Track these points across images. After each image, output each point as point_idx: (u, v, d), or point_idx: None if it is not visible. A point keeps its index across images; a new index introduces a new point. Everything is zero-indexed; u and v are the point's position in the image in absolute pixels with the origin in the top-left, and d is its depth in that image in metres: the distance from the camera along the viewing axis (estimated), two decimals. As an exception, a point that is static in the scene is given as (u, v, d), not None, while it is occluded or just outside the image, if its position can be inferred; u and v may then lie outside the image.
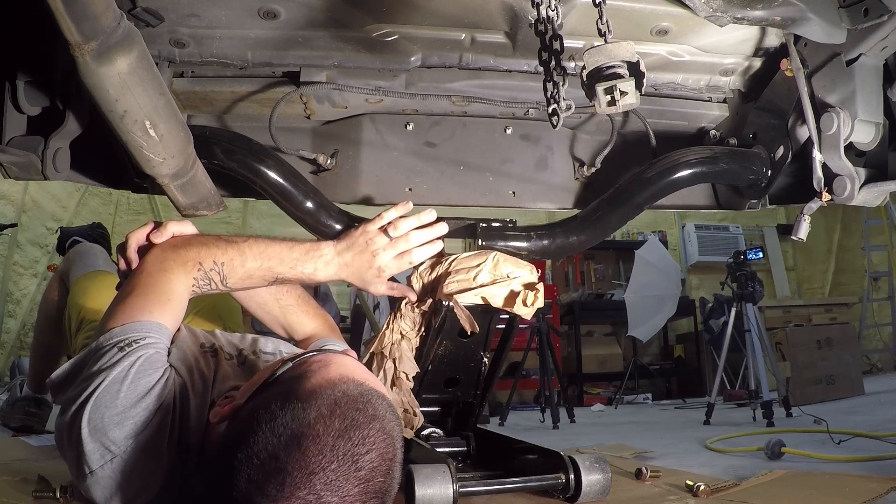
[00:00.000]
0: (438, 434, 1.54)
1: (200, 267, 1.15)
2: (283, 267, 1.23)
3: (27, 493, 1.27)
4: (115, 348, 0.97)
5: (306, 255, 1.26)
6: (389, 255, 1.32)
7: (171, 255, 1.15)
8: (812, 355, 4.47)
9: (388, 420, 0.82)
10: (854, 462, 1.96)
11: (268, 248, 1.22)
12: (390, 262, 1.32)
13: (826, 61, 1.42)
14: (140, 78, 1.06)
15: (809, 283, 8.07)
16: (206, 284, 1.17)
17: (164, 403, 0.94)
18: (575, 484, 1.27)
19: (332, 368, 0.87)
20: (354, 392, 0.81)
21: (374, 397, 0.83)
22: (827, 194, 1.45)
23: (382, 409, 0.82)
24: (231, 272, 1.18)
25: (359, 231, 1.33)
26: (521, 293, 1.39)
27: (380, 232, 1.33)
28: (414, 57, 1.58)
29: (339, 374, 0.85)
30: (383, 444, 0.78)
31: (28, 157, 1.23)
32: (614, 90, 1.08)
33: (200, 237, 1.22)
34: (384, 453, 0.78)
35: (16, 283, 5.34)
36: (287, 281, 1.28)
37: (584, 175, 1.77)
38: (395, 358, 1.44)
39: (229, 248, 1.19)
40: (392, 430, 0.82)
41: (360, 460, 0.74)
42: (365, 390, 0.83)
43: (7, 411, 2.35)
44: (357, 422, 0.77)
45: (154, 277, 1.11)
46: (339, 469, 0.73)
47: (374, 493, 0.75)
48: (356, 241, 1.32)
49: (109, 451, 0.90)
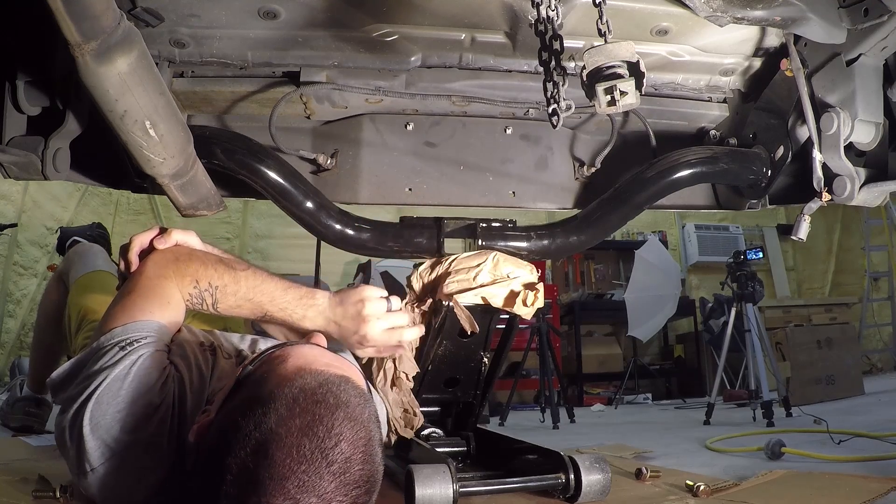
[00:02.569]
0: (438, 434, 1.54)
1: (196, 285, 1.15)
2: (273, 307, 1.21)
3: (27, 493, 1.27)
4: (116, 347, 0.97)
5: (299, 300, 1.23)
6: (381, 326, 1.25)
7: (171, 265, 1.16)
8: (812, 355, 4.47)
9: (353, 405, 0.79)
10: (854, 462, 1.96)
11: (263, 283, 1.21)
12: (379, 335, 1.25)
13: (826, 61, 1.42)
14: (140, 78, 1.06)
15: (809, 283, 8.07)
16: (198, 303, 1.17)
17: (164, 401, 0.95)
18: (575, 484, 1.27)
19: (290, 363, 0.85)
20: (313, 384, 0.79)
21: (336, 384, 0.80)
22: (827, 194, 1.45)
23: (346, 394, 0.80)
24: (223, 298, 1.18)
25: (356, 292, 1.27)
26: (521, 293, 1.39)
27: (379, 299, 1.26)
28: (414, 57, 1.58)
29: (296, 368, 0.83)
30: (351, 431, 0.75)
31: (28, 157, 1.23)
32: (614, 90, 1.08)
33: (202, 254, 1.22)
34: (354, 441, 0.75)
35: (16, 283, 5.35)
36: (274, 320, 1.25)
37: (584, 175, 1.77)
38: (395, 358, 1.44)
39: (226, 274, 1.18)
40: (359, 415, 0.78)
41: (329, 454, 0.72)
42: (325, 379, 0.81)
43: (7, 411, 2.35)
44: (318, 415, 0.75)
45: (153, 281, 1.12)
46: (310, 469, 0.71)
47: (354, 484, 0.73)
48: (351, 300, 1.26)
49: (110, 449, 0.91)
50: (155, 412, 0.93)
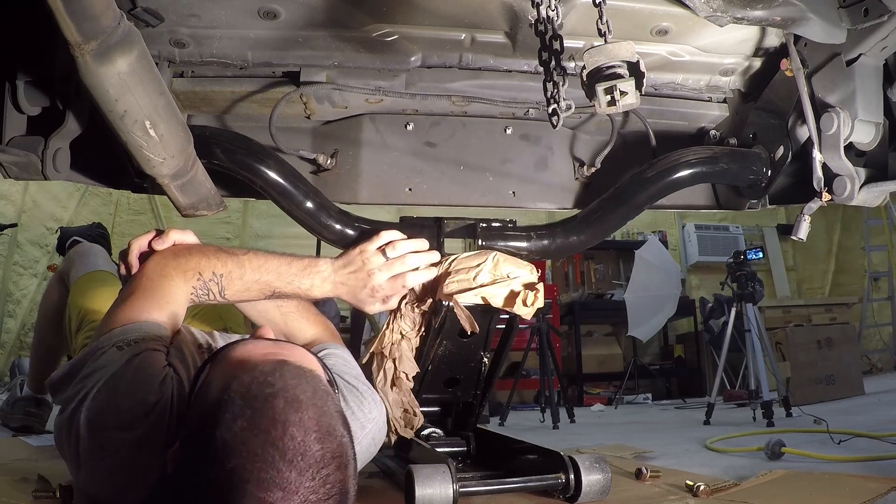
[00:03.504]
0: (438, 434, 1.54)
1: (200, 277, 1.17)
2: (281, 282, 1.25)
3: (27, 493, 1.27)
4: (114, 348, 0.98)
5: (304, 270, 1.28)
6: (385, 275, 1.34)
7: (171, 263, 1.17)
8: (812, 355, 4.47)
9: (290, 387, 0.75)
10: (854, 462, 1.96)
11: (266, 262, 1.24)
12: (385, 284, 1.34)
13: (826, 61, 1.42)
14: (140, 78, 1.06)
15: (809, 283, 8.07)
16: (204, 294, 1.19)
17: (161, 400, 0.95)
18: (575, 484, 1.27)
19: (224, 365, 0.85)
20: (247, 380, 0.77)
21: (269, 373, 0.78)
22: (827, 194, 1.45)
23: (281, 379, 0.77)
24: (229, 284, 1.20)
25: (357, 250, 1.35)
26: (521, 293, 1.39)
27: (377, 252, 1.35)
28: (414, 57, 1.58)
29: (231, 369, 0.83)
30: (296, 414, 0.72)
31: (28, 157, 1.23)
32: (614, 90, 1.08)
33: (201, 247, 1.23)
34: (301, 423, 0.72)
35: (16, 283, 5.34)
36: (284, 295, 1.29)
37: (584, 175, 1.77)
38: (395, 358, 1.44)
39: (229, 261, 1.21)
40: (300, 394, 0.75)
41: (279, 445, 0.70)
42: (258, 371, 0.78)
43: (7, 411, 2.35)
44: (258, 410, 0.72)
45: (154, 282, 1.13)
46: (265, 465, 0.69)
47: (318, 465, 0.70)
48: (353, 260, 1.34)
49: (106, 448, 0.91)
50: (151, 410, 0.93)
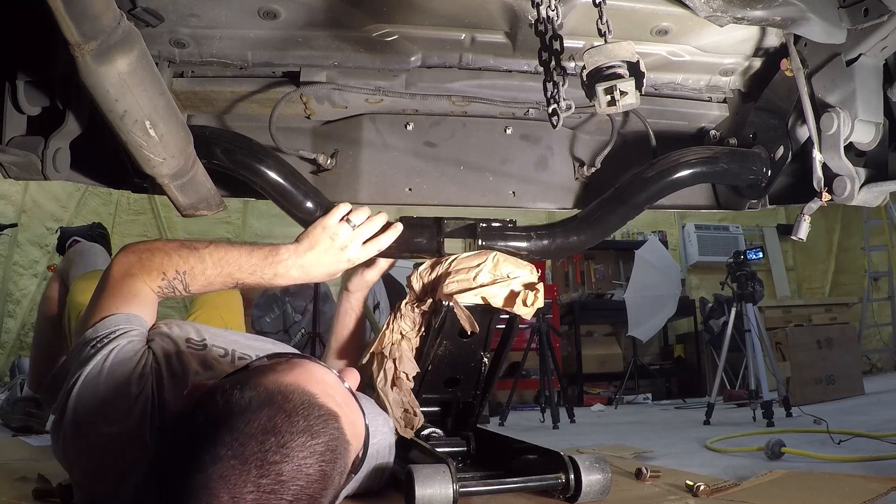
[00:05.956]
0: (438, 434, 1.54)
1: (164, 276, 1.18)
2: (242, 273, 1.25)
3: (27, 492, 1.27)
4: (87, 347, 1.01)
5: (264, 260, 1.27)
6: (357, 244, 1.34)
7: (135, 263, 1.18)
8: (812, 355, 4.47)
9: (321, 442, 0.72)
10: (854, 462, 1.96)
11: (227, 254, 1.24)
12: (359, 252, 1.35)
13: (826, 61, 1.42)
14: (140, 78, 1.06)
15: (809, 283, 8.07)
16: (169, 292, 1.20)
17: (143, 392, 0.97)
18: (575, 484, 1.27)
19: (295, 372, 0.80)
20: (296, 400, 0.74)
21: (319, 415, 0.74)
22: (827, 194, 1.45)
23: (323, 428, 0.74)
24: (192, 280, 1.21)
25: (318, 228, 1.33)
26: (521, 293, 1.39)
27: (341, 223, 1.33)
28: (414, 57, 1.58)
29: (293, 380, 0.78)
30: (304, 462, 0.70)
31: (28, 157, 1.23)
32: (614, 90, 1.08)
33: (163, 244, 1.24)
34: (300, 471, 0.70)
35: (16, 283, 5.34)
36: (249, 285, 1.29)
37: (584, 175, 1.77)
38: (395, 358, 1.44)
39: (191, 257, 1.22)
40: (322, 452, 0.72)
41: (266, 467, 0.68)
42: (311, 403, 0.75)
43: (7, 411, 2.36)
44: (279, 428, 0.70)
45: (119, 282, 1.15)
46: (241, 468, 0.67)
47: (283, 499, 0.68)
48: (319, 239, 1.32)
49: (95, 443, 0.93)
50: (135, 402, 0.96)
